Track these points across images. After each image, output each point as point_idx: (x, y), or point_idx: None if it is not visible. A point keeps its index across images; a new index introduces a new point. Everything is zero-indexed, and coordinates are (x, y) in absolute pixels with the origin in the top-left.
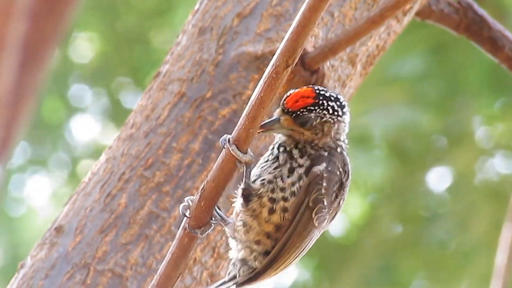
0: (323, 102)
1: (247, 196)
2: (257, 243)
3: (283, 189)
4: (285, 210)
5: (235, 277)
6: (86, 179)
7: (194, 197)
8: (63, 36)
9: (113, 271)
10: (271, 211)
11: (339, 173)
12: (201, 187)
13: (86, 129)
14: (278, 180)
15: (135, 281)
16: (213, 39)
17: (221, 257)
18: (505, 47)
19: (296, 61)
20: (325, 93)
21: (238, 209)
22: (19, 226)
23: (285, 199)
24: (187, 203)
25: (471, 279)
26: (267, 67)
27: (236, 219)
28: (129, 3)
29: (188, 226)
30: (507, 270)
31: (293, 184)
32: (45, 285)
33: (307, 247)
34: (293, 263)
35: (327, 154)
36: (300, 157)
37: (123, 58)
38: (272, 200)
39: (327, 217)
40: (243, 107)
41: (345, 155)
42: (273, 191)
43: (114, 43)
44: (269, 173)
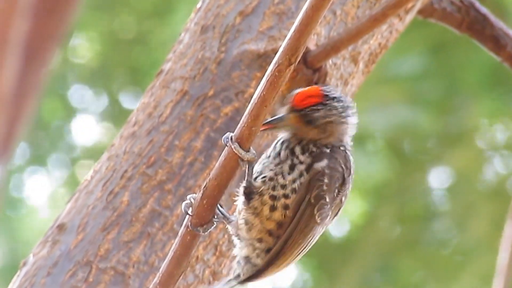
0: (329, 102)
1: (249, 194)
2: (259, 240)
3: (284, 186)
4: (286, 207)
5: (239, 276)
6: (88, 177)
7: (196, 195)
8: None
9: (115, 269)
10: (272, 209)
11: (341, 169)
12: (203, 185)
13: (85, 129)
14: (279, 177)
15: (137, 279)
16: (215, 37)
17: (224, 255)
18: (507, 46)
19: (298, 59)
20: (332, 94)
21: (240, 207)
22: (18, 226)
23: (286, 196)
24: (189, 201)
25: (471, 279)
26: (269, 65)
27: (238, 217)
28: (129, 4)
29: (190, 224)
30: (510, 268)
31: (294, 181)
32: (47, 283)
33: (309, 243)
34: (296, 259)
35: (329, 151)
36: (301, 153)
37: (123, 58)
38: (273, 197)
39: (329, 214)
40: (245, 105)
41: (348, 153)
42: (274, 189)
43: (113, 43)
44: (270, 170)
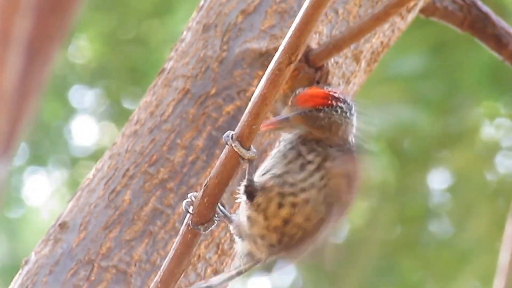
0: (332, 102)
1: (251, 192)
2: (262, 237)
3: (293, 185)
4: (294, 205)
5: (241, 272)
6: (90, 175)
7: (197, 194)
8: (67, 32)
9: (117, 268)
10: (280, 206)
11: (352, 168)
12: (204, 183)
13: (85, 129)
14: (287, 175)
15: (139, 278)
16: (217, 36)
17: (225, 254)
18: (509, 44)
19: (299, 58)
20: (335, 94)
21: (242, 205)
22: (18, 226)
23: (294, 195)
24: (190, 200)
25: (471, 279)
26: None
27: (240, 215)
28: (129, 4)
29: (191, 222)
30: (511, 268)
31: (303, 180)
32: (49, 281)
33: (320, 242)
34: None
35: (336, 150)
36: (308, 153)
37: (123, 58)
38: (281, 195)
39: (341, 213)
40: (247, 103)
41: (353, 151)
42: (282, 186)
43: (113, 43)
44: (278, 169)
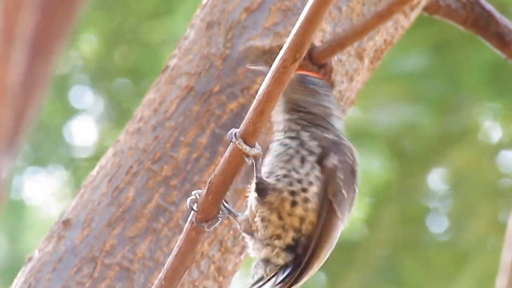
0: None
1: (262, 190)
2: (278, 237)
3: (300, 180)
4: (306, 200)
5: (262, 278)
6: (94, 172)
7: (201, 191)
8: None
9: (120, 265)
10: (293, 204)
11: (350, 161)
12: (209, 181)
13: (85, 130)
14: (292, 173)
15: (143, 275)
16: (221, 33)
17: (229, 251)
18: None
19: (303, 55)
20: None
21: (253, 204)
22: (18, 226)
23: (304, 190)
24: (194, 197)
25: (471, 279)
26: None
27: (251, 215)
28: (129, 4)
29: (195, 219)
30: None
31: (307, 174)
32: (52, 278)
33: (335, 240)
34: (325, 258)
35: (334, 145)
36: (309, 140)
37: (123, 59)
38: (292, 193)
39: (347, 207)
40: (251, 101)
41: (350, 144)
42: (291, 184)
43: (113, 44)
44: (281, 168)
